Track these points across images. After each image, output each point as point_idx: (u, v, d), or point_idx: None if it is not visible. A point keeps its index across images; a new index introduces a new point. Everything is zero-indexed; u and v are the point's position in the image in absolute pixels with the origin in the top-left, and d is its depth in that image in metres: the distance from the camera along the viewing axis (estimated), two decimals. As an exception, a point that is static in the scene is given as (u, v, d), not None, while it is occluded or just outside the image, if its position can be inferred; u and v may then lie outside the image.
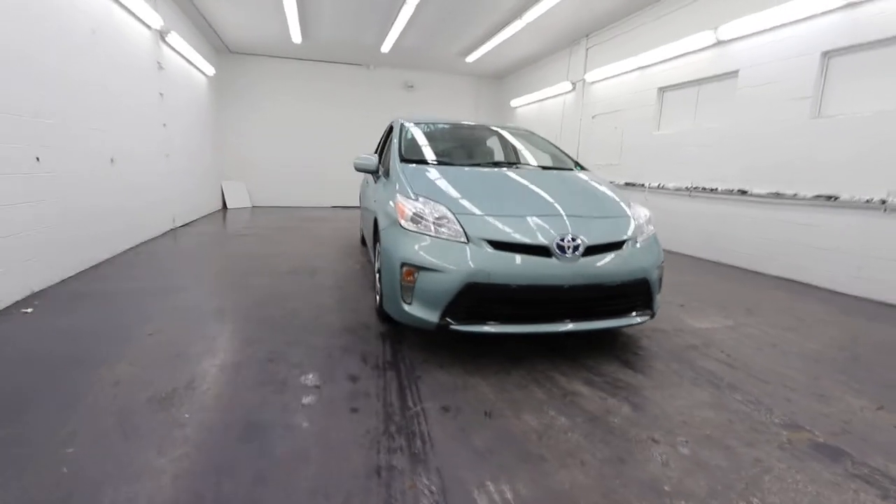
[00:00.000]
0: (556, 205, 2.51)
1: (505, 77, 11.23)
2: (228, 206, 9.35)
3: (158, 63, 5.63)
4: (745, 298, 3.84)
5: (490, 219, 2.34)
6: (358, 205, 6.02)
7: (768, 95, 4.85)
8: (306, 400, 1.92)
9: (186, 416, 1.76)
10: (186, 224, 6.85)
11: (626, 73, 6.90)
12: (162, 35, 5.69)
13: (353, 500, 1.35)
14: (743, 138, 5.15)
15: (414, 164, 3.03)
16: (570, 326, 2.27)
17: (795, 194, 4.55)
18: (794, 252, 4.62)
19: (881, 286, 3.88)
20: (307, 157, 10.36)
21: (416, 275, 2.26)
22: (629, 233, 2.45)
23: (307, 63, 9.98)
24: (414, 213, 2.40)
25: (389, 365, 2.30)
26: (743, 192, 5.10)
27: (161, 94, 5.73)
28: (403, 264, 2.30)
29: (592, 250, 2.29)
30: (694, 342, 2.78)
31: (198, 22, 7.26)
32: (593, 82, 7.74)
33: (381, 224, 2.66)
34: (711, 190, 5.51)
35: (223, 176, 9.57)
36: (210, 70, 7.91)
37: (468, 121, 4.27)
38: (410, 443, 1.65)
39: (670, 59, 6.05)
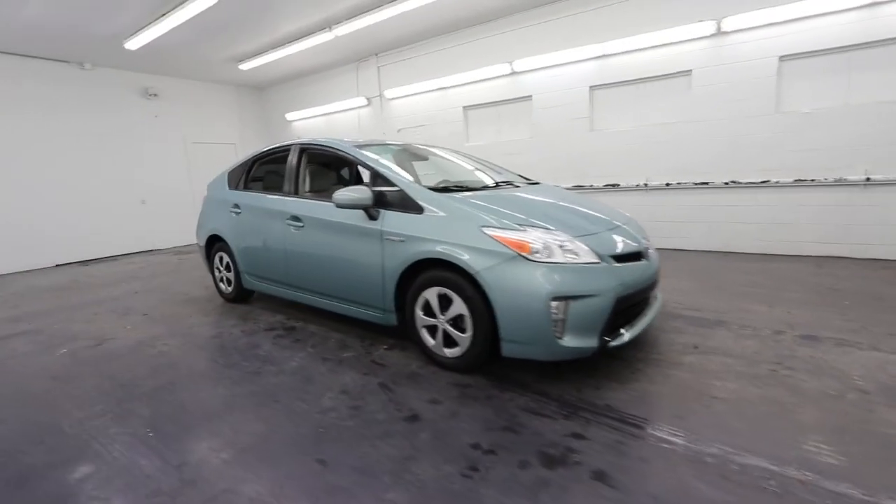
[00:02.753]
0: (605, 217, 2.85)
1: (268, 89, 10.14)
2: None
3: None
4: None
5: (591, 237, 2.48)
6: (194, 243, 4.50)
7: (558, 115, 6.51)
8: (597, 484, 1.66)
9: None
10: None
11: (430, 91, 7.62)
12: None
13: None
14: (543, 147, 6.71)
15: (446, 194, 2.72)
16: (653, 312, 2.71)
17: (591, 185, 6.38)
18: (596, 226, 6.49)
19: (661, 239, 6.03)
20: (-14, 199, 6.55)
21: (565, 306, 2.19)
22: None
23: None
24: (544, 244, 2.27)
25: (570, 409, 2.15)
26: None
27: None
28: (555, 298, 2.18)
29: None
30: (652, 302, 3.71)
31: None
32: (393, 98, 8.13)
33: (479, 264, 2.33)
34: (527, 188, 6.96)
35: None
36: None
37: (396, 143, 3.95)
38: (727, 456, 1.76)
39: (472, 82, 7.12)
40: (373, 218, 2.83)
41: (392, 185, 2.84)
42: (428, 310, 2.64)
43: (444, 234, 2.51)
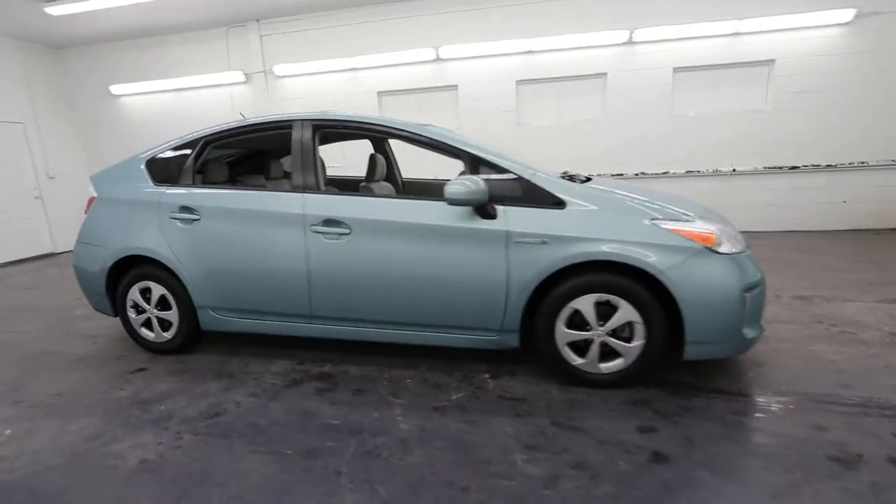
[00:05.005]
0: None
1: (75, 49, 7.28)
2: None
3: None
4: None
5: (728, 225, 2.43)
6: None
7: (485, 107, 6.44)
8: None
9: None
10: None
11: (336, 72, 6.62)
12: None
13: None
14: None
15: (584, 184, 2.33)
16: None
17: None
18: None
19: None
20: None
21: (747, 297, 2.12)
22: None
23: None
24: (723, 235, 2.12)
25: (780, 402, 2.08)
26: (483, 181, 6.63)
27: None
28: (747, 289, 2.07)
29: None
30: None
31: None
32: (285, 76, 6.77)
33: (663, 262, 2.03)
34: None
35: None
36: None
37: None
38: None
39: (390, 65, 6.45)
40: (490, 216, 2.22)
41: (506, 173, 2.28)
42: (573, 322, 2.22)
43: (603, 230, 2.13)
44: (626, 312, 2.14)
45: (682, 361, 2.17)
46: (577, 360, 2.26)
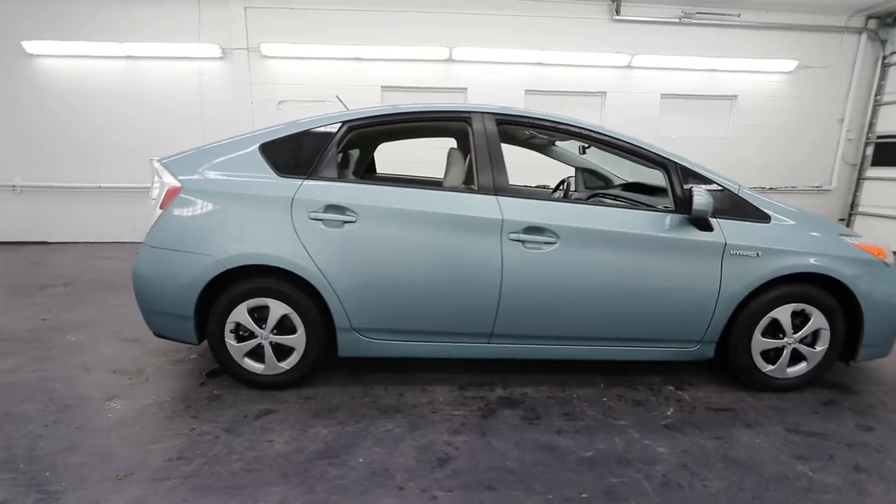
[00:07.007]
0: None
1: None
2: None
3: None
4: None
5: None
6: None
7: (492, 113, 6.40)
8: None
9: None
10: None
11: (338, 59, 6.02)
12: None
13: None
14: (475, 144, 6.49)
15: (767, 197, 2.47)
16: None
17: (526, 185, 6.64)
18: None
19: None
20: None
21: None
22: None
23: None
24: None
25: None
26: (487, 187, 6.59)
27: None
28: (907, 300, 2.39)
29: None
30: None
31: None
32: (273, 57, 5.95)
33: (854, 274, 2.25)
34: (457, 186, 6.57)
35: None
36: None
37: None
38: None
39: (399, 60, 6.08)
40: (708, 228, 2.22)
41: (712, 185, 2.32)
42: (765, 331, 2.33)
43: (806, 244, 2.28)
44: (816, 321, 2.32)
45: (851, 363, 2.43)
46: (767, 367, 2.38)
